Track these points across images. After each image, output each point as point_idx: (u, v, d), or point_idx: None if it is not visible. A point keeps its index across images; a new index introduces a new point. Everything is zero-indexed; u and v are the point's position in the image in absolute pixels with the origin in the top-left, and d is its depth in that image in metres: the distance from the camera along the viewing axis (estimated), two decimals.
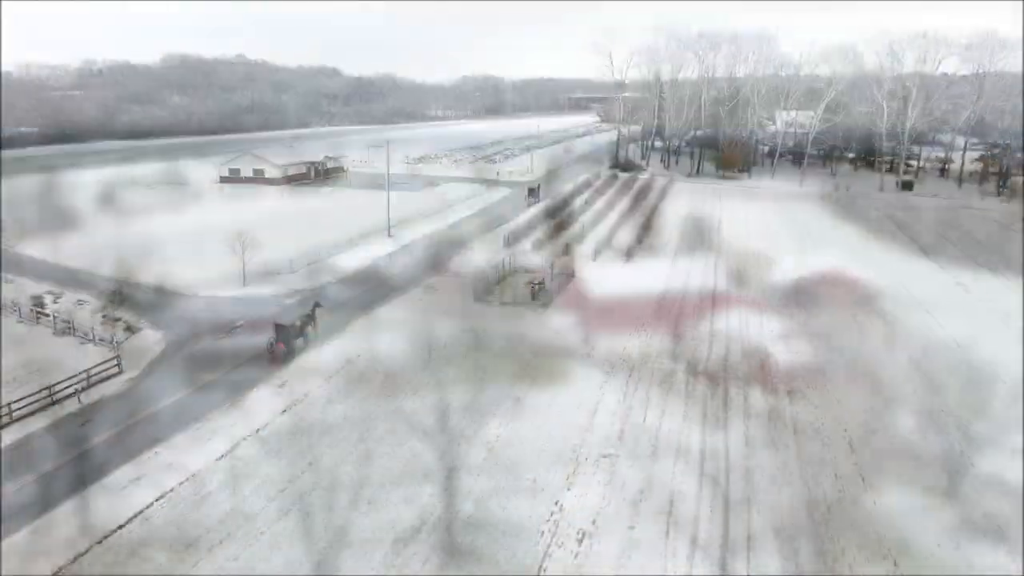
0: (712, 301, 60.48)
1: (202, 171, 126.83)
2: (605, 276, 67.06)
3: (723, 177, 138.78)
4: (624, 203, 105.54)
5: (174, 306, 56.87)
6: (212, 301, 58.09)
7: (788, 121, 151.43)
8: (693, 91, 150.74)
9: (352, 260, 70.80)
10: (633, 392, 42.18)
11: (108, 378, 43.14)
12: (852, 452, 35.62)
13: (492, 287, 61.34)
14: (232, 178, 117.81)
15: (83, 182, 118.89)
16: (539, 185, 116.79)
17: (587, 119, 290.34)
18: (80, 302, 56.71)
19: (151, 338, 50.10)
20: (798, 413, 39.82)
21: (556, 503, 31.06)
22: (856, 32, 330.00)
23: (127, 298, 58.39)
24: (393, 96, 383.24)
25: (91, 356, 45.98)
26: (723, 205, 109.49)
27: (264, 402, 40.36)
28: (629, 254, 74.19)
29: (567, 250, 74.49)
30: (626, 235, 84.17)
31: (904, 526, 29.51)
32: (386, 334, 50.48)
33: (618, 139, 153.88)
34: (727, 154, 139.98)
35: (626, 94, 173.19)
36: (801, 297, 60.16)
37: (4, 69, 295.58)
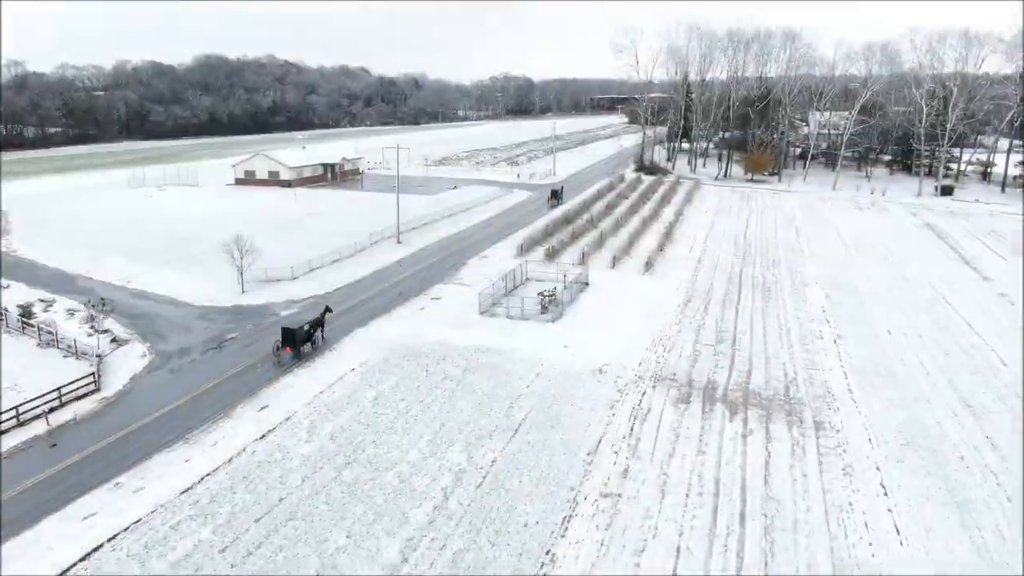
0: (734, 321, 56.49)
1: (218, 173, 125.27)
2: (622, 287, 63.31)
3: (752, 180, 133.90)
4: (647, 208, 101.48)
5: (166, 316, 54.34)
6: (206, 311, 55.47)
7: (821, 122, 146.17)
8: (721, 91, 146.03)
9: (357, 267, 67.89)
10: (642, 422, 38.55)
11: (83, 396, 40.54)
12: None
13: (499, 298, 57.91)
14: (247, 180, 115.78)
15: (90, 184, 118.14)
16: (562, 187, 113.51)
17: (614, 120, 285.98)
18: (71, 311, 54.38)
19: (137, 351, 47.52)
20: None
21: None
22: (893, 30, 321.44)
23: (119, 306, 56.05)
24: (418, 96, 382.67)
25: (72, 370, 43.50)
26: (751, 209, 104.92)
27: (242, 428, 37.37)
28: (649, 264, 70.28)
29: (583, 258, 70.82)
30: (647, 242, 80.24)
31: None
32: (377, 351, 47.32)
33: (643, 141, 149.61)
34: (756, 156, 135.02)
35: (653, 95, 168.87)
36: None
37: (37, 69, 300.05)
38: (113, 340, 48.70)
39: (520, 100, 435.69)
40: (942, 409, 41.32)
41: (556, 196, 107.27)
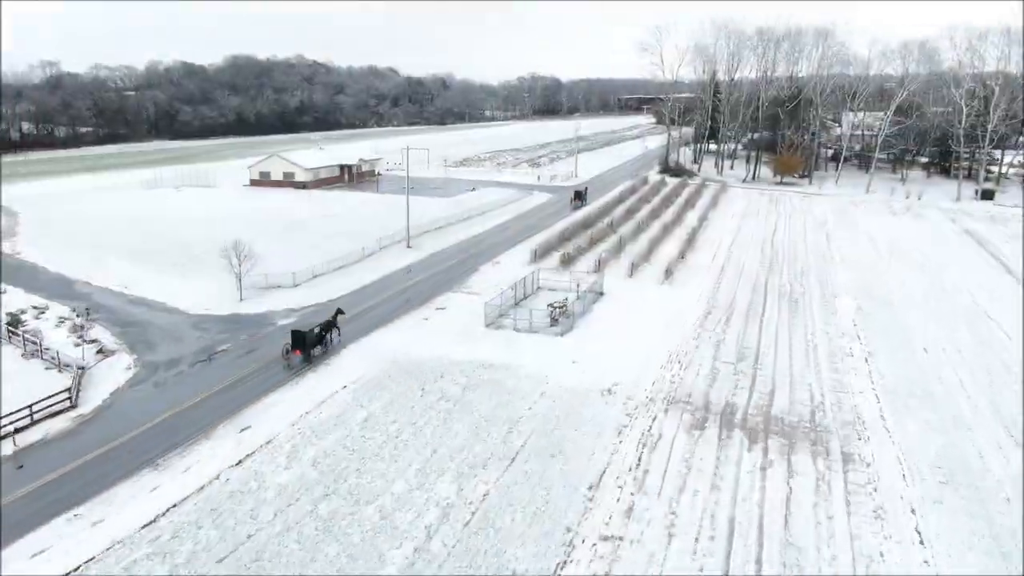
0: (757, 335, 52.89)
1: (236, 174, 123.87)
2: (639, 297, 59.97)
3: (781, 183, 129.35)
4: (670, 212, 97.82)
5: (159, 325, 52.21)
6: (201, 320, 53.24)
7: (854, 123, 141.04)
8: (750, 91, 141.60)
9: (363, 273, 65.38)
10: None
11: (58, 413, 38.33)
12: None
13: (508, 309, 54.93)
14: (262, 181, 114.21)
15: (109, 184, 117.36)
16: (586, 188, 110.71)
17: (641, 120, 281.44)
18: (62, 319, 52.49)
19: (122, 363, 45.33)
20: None
21: None
22: (932, 27, 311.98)
23: (114, 314, 54.12)
24: (445, 97, 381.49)
25: (54, 383, 41.37)
26: (779, 213, 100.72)
27: (220, 451, 34.83)
28: (669, 272, 66.82)
29: (599, 266, 67.57)
30: (669, 249, 76.70)
31: None
32: (373, 365, 44.60)
33: (668, 142, 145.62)
34: (786, 158, 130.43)
35: (681, 95, 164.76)
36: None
37: (71, 70, 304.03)
38: (100, 351, 46.59)
39: (547, 100, 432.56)
40: (984, 437, 37.53)
41: (580, 197, 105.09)
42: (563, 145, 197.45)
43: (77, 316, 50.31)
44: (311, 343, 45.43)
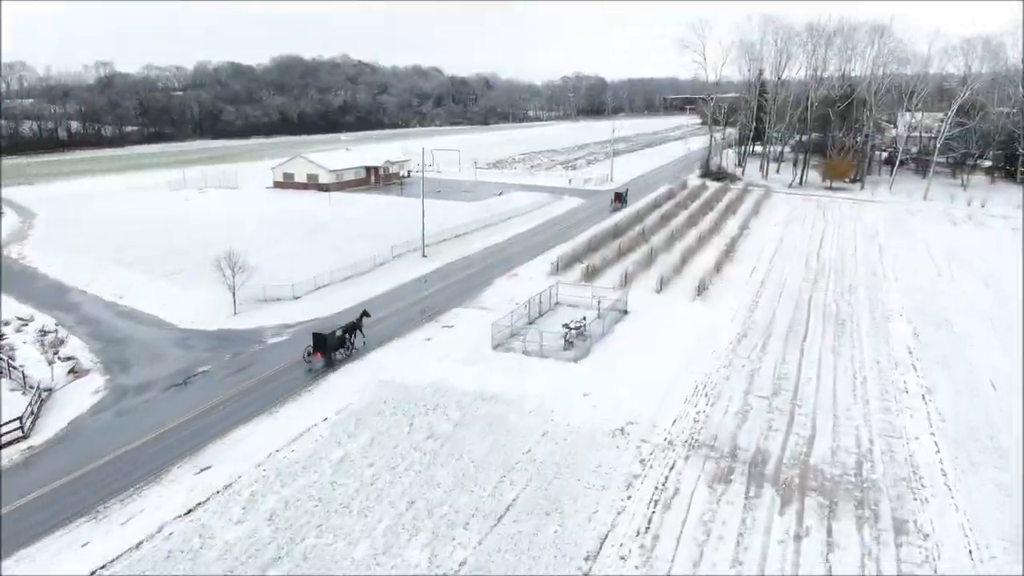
0: (798, 364, 47.02)
1: (262, 175, 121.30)
2: (666, 316, 54.51)
3: (831, 188, 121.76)
4: (708, 219, 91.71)
5: (143, 340, 48.67)
6: (188, 336, 49.57)
7: (911, 124, 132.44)
8: (799, 90, 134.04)
9: (371, 285, 61.17)
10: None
11: (8, 444, 34.72)
12: None
13: (520, 328, 50.04)
14: (286, 183, 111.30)
15: (135, 185, 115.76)
16: (627, 190, 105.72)
17: (686, 121, 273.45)
18: (43, 333, 49.33)
19: (92, 385, 41.77)
20: None
21: None
22: (996, 23, 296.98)
23: (100, 327, 50.87)
24: (488, 96, 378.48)
25: (17, 407, 37.88)
26: (827, 221, 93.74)
27: (170, 498, 30.70)
28: (702, 287, 61.14)
29: (625, 279, 62.22)
30: (704, 260, 70.88)
31: None
32: (362, 392, 40.16)
33: (710, 143, 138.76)
34: (836, 161, 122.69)
35: (727, 95, 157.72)
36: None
37: (123, 70, 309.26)
38: (72, 371, 43.14)
39: (592, 100, 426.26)
40: None
41: (620, 199, 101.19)
42: (602, 146, 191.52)
43: (44, 334, 47.03)
44: (332, 346, 43.80)
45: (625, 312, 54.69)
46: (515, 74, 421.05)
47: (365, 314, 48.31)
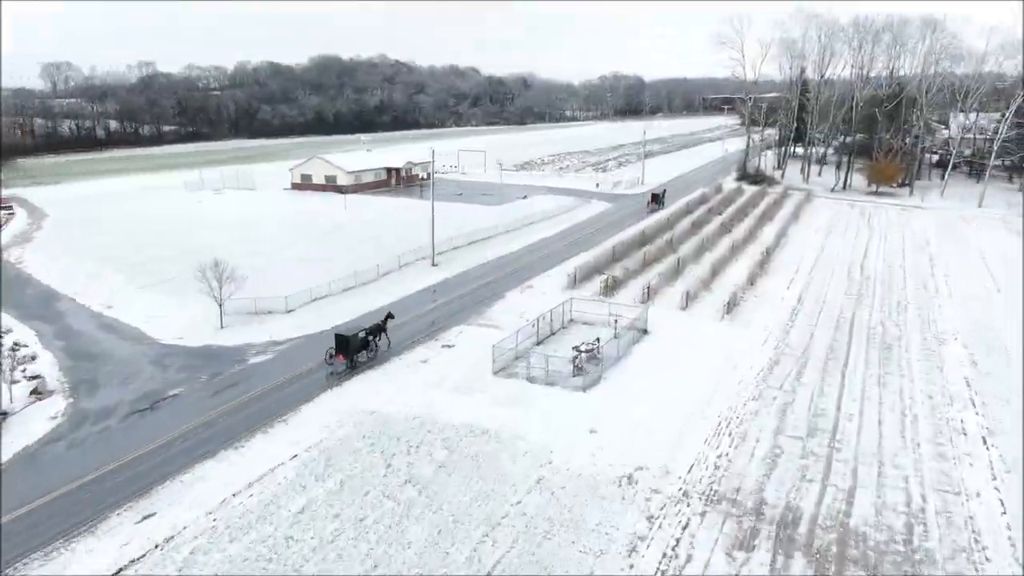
0: (837, 397, 41.58)
1: (281, 177, 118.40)
2: (691, 337, 49.37)
3: (876, 193, 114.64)
4: (743, 226, 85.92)
5: (120, 357, 45.17)
6: (167, 352, 45.93)
7: (965, 125, 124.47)
8: (843, 89, 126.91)
9: (372, 297, 57.01)
10: None
11: None
12: None
13: (527, 350, 45.41)
14: (303, 184, 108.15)
15: (153, 185, 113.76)
16: (665, 191, 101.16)
17: (725, 121, 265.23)
18: (15, 347, 46.14)
19: (52, 409, 38.23)
20: None
21: None
22: None
23: (80, 340, 47.61)
24: (525, 96, 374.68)
25: None
26: (872, 229, 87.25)
27: (98, 555, 26.77)
28: (733, 303, 55.77)
29: (648, 294, 57.17)
30: (736, 273, 65.43)
31: None
32: (341, 423, 35.91)
33: (748, 145, 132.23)
34: (883, 164, 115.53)
35: (769, 94, 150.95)
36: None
37: (165, 69, 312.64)
38: (35, 391, 39.70)
39: (629, 100, 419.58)
40: None
41: (657, 200, 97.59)
42: (637, 147, 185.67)
43: (21, 346, 43.82)
44: (355, 348, 42.51)
45: (644, 332, 49.69)
46: (553, 74, 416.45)
47: (390, 316, 46.68)
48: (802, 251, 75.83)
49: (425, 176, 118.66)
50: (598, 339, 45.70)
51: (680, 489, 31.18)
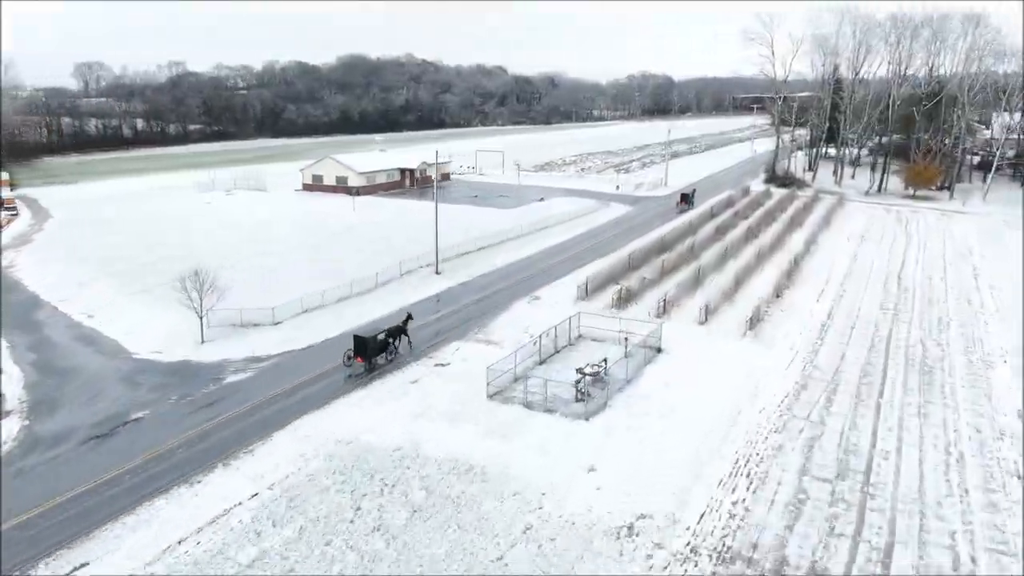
0: (871, 430, 37.07)
1: (294, 177, 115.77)
2: (709, 357, 45.11)
3: (914, 196, 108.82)
4: (771, 232, 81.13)
5: (91, 372, 42.15)
6: (141, 368, 42.82)
7: (1009, 125, 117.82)
8: (879, 87, 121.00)
9: (368, 308, 53.49)
10: None
11: None
12: None
13: (528, 371, 41.55)
14: (315, 185, 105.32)
15: (166, 185, 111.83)
16: (694, 191, 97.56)
17: (755, 121, 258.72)
18: None
19: (4, 432, 35.12)
20: None
21: None
22: None
23: (56, 352, 44.73)
24: (552, 95, 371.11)
25: None
26: (909, 236, 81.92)
27: None
28: (756, 318, 51.34)
29: (664, 307, 52.94)
30: (761, 283, 60.93)
31: None
32: (312, 456, 32.30)
33: (777, 146, 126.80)
34: (921, 166, 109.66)
35: (802, 94, 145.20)
36: None
37: (195, 69, 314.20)
38: None
39: (658, 100, 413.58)
40: None
41: (686, 200, 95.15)
42: (663, 148, 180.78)
43: None
44: (374, 350, 41.57)
45: (658, 350, 45.51)
46: (581, 73, 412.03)
47: (409, 317, 45.83)
48: (833, 259, 70.94)
49: (442, 177, 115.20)
50: (605, 360, 41.64)
51: (688, 544, 27.08)
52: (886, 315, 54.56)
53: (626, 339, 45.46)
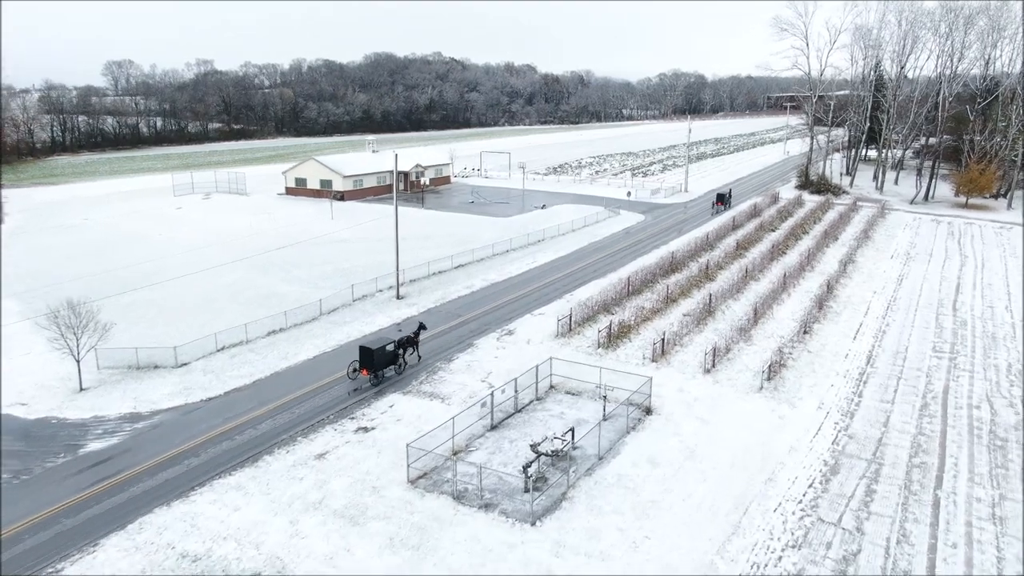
0: (927, 542, 26.82)
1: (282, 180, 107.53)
2: (711, 421, 35.15)
3: (966, 205, 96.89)
4: (800, 248, 70.55)
5: None
6: None
7: None
8: (927, 85, 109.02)
9: (304, 343, 44.31)
10: None
11: None
12: None
13: (467, 445, 32.04)
14: (298, 189, 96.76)
15: (133, 191, 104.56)
16: (731, 191, 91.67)
17: (790, 120, 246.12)
18: None
19: None
20: None
21: None
22: None
23: None
24: (581, 95, 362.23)
25: None
26: (964, 255, 70.59)
27: None
28: (777, 364, 41.18)
29: (662, 348, 42.97)
30: (785, 316, 50.70)
31: None
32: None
33: (811, 147, 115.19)
34: (974, 171, 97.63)
35: (841, 92, 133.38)
36: None
37: (223, 67, 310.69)
38: None
39: (689, 99, 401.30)
40: None
41: (723, 201, 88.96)
42: (689, 149, 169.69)
43: None
44: (382, 363, 38.31)
45: (647, 411, 35.65)
46: (611, 72, 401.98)
47: (422, 327, 42.31)
48: (874, 284, 60.21)
49: (428, 181, 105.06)
50: (571, 431, 31.86)
51: None
52: (941, 360, 43.96)
53: (604, 397, 35.67)
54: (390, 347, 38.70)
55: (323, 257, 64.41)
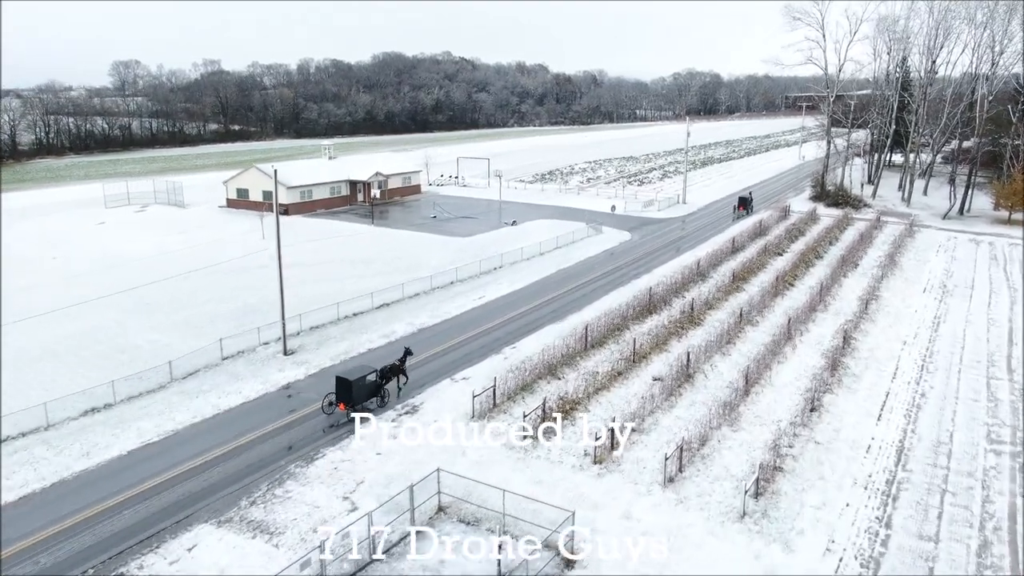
0: None
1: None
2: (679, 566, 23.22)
3: (1008, 221, 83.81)
4: (812, 279, 58.30)
5: None
6: None
7: None
8: (960, 83, 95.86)
9: (120, 434, 32.70)
10: None
11: None
12: None
13: None
14: (240, 201, 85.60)
15: (69, 201, 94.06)
16: (751, 194, 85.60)
17: (805, 122, 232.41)
18: None
19: None
20: None
21: None
22: None
23: None
24: (594, 95, 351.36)
25: None
26: (1013, 285, 57.95)
27: None
28: (771, 467, 29.11)
29: (610, 443, 30.96)
30: (786, 384, 38.58)
31: None
32: None
33: (827, 152, 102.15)
34: (1018, 182, 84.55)
35: (863, 91, 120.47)
36: None
37: (230, 67, 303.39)
38: None
39: (704, 99, 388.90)
40: None
41: (745, 205, 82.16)
42: (697, 152, 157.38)
43: None
44: (361, 396, 33.57)
45: (567, 565, 23.70)
46: (625, 71, 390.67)
47: (408, 352, 37.48)
48: (903, 329, 47.73)
49: (378, 193, 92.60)
50: None
51: None
52: (1000, 458, 31.62)
53: (501, 546, 23.74)
54: (371, 377, 34.42)
55: (229, 289, 53.14)
